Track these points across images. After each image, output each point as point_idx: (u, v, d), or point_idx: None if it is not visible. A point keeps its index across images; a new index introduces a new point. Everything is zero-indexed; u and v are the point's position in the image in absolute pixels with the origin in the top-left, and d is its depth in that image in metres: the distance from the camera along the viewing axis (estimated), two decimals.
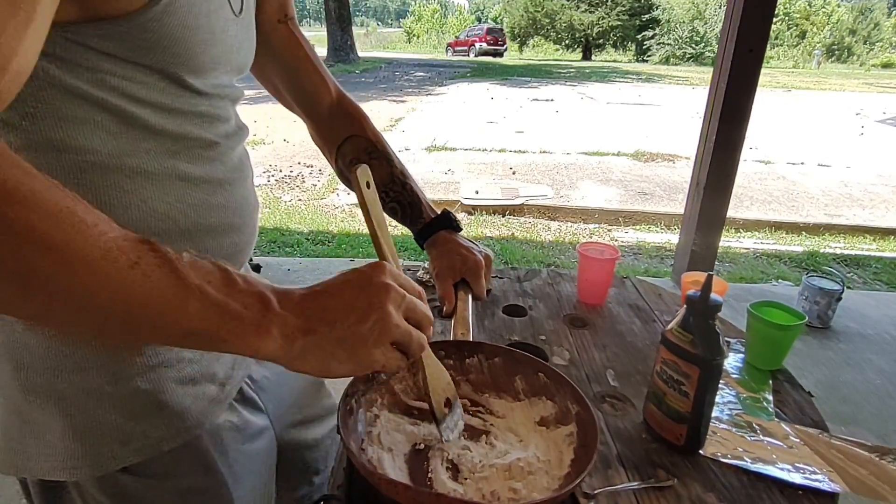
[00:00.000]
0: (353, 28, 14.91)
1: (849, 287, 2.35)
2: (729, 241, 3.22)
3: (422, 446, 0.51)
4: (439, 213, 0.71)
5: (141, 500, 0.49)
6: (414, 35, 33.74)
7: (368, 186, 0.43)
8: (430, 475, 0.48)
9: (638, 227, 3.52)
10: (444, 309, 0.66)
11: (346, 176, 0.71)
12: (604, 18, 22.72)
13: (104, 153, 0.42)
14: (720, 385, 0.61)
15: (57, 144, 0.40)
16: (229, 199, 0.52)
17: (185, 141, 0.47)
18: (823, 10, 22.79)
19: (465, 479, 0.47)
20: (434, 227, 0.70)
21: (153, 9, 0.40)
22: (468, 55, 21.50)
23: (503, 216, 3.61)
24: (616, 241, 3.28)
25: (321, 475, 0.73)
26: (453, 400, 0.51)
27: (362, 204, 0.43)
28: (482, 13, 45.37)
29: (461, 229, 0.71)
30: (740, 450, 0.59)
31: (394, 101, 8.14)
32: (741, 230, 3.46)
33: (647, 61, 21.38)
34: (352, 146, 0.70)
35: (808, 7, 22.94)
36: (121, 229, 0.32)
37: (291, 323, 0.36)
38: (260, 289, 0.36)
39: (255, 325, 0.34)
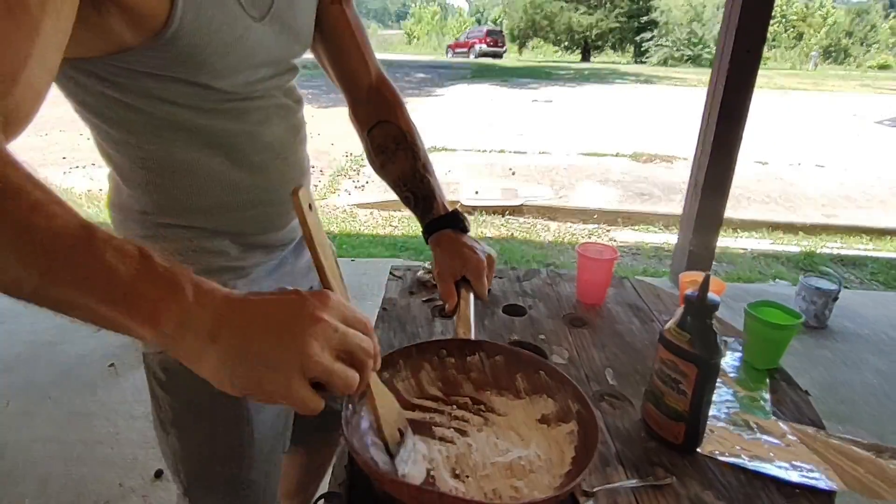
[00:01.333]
0: None
1: (845, 287, 2.36)
2: (726, 241, 3.23)
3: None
4: (450, 210, 0.72)
5: (184, 379, 0.56)
6: (414, 37, 33.76)
7: (311, 208, 0.40)
8: (432, 473, 0.48)
9: (636, 227, 3.52)
10: (446, 308, 0.67)
11: (373, 156, 0.75)
12: (602, 20, 22.76)
13: (158, 153, 0.53)
14: (718, 384, 0.62)
15: (123, 143, 0.54)
16: (264, 180, 0.59)
17: (217, 133, 0.55)
18: (821, 12, 22.87)
19: (467, 476, 0.48)
20: (441, 224, 0.70)
21: (164, 35, 0.46)
22: (468, 57, 21.51)
23: (503, 216, 3.61)
24: (615, 241, 3.29)
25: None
26: (404, 430, 0.48)
27: (304, 227, 0.39)
28: (482, 15, 45.36)
29: (468, 230, 0.72)
30: (738, 448, 0.60)
31: None
32: (739, 230, 3.47)
33: (645, 63, 21.41)
34: (382, 132, 0.73)
35: (805, 9, 23.02)
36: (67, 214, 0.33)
37: (198, 319, 0.33)
38: (177, 275, 0.34)
39: (155, 312, 0.32)
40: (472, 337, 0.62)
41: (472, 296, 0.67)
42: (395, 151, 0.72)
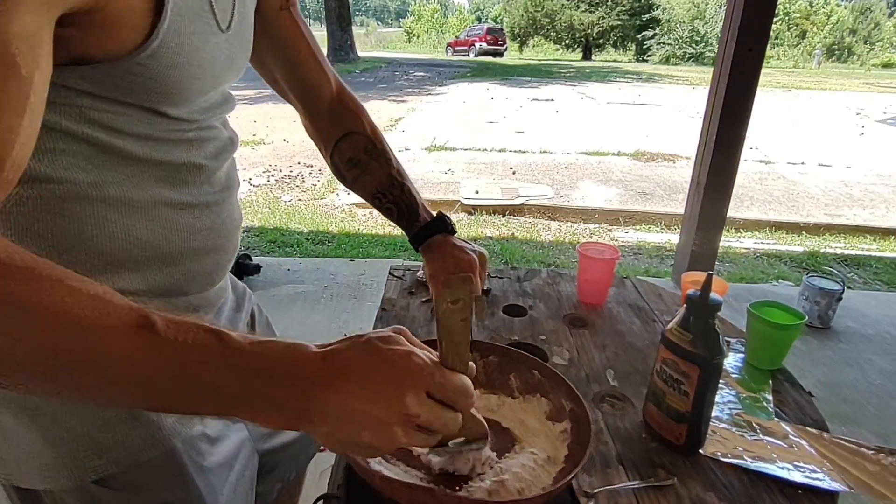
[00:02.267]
0: (353, 28, 14.91)
1: (849, 287, 2.35)
2: (729, 241, 3.22)
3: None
4: (434, 215, 0.71)
5: None
6: (414, 35, 33.75)
7: (456, 303, 0.39)
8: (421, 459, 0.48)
9: (638, 227, 3.51)
10: None
11: (342, 172, 0.71)
12: (604, 18, 22.71)
13: (84, 183, 0.41)
14: (720, 385, 0.61)
15: (36, 175, 0.40)
16: (215, 221, 0.51)
17: (170, 167, 0.46)
18: (824, 10, 22.78)
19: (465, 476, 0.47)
20: (429, 230, 0.69)
21: (140, 55, 0.39)
22: (468, 55, 21.48)
23: (503, 216, 3.60)
24: (616, 241, 3.28)
25: (288, 473, 0.72)
26: (474, 440, 0.46)
27: (436, 311, 0.39)
28: (482, 13, 45.39)
29: (455, 232, 0.71)
30: (740, 449, 0.59)
31: (394, 100, 8.14)
32: (741, 230, 3.46)
33: (647, 61, 21.37)
34: (350, 144, 0.69)
35: (808, 7, 22.93)
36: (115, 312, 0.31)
37: (293, 412, 0.33)
38: (261, 359, 0.33)
39: (261, 408, 0.33)
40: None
41: None
42: (368, 162, 0.68)
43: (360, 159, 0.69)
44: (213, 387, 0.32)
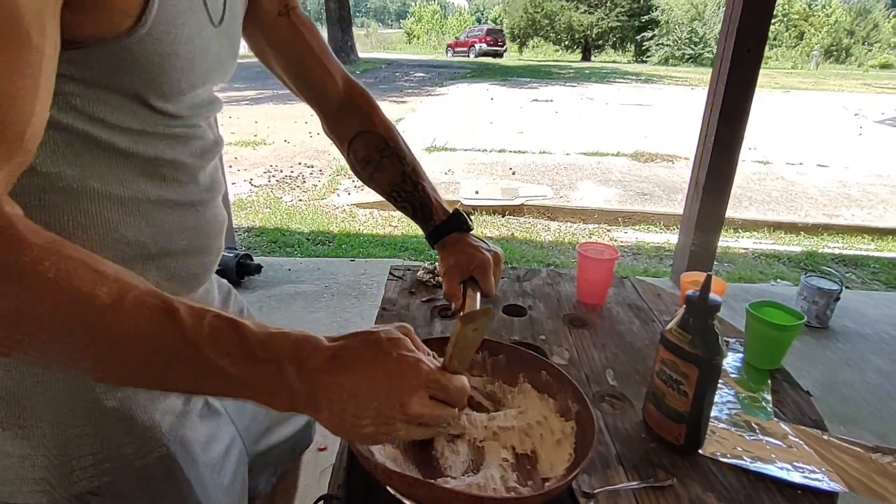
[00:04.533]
0: (354, 29, 14.90)
1: (847, 287, 2.35)
2: (728, 241, 3.23)
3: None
4: (451, 212, 0.71)
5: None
6: (414, 36, 33.76)
7: (475, 331, 0.42)
8: (440, 462, 0.48)
9: (637, 227, 3.52)
10: (452, 307, 0.66)
11: (358, 170, 0.72)
12: (603, 19, 22.73)
13: (67, 175, 0.41)
14: (719, 385, 0.62)
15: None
16: (200, 221, 0.51)
17: (156, 163, 0.46)
18: (825, 10, 22.82)
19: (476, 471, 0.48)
20: (446, 228, 0.69)
21: (127, 39, 0.39)
22: (468, 56, 21.49)
23: (503, 216, 3.61)
24: (615, 241, 3.28)
25: (282, 467, 0.73)
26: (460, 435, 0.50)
27: (456, 340, 0.41)
28: (482, 14, 45.41)
29: (472, 229, 0.71)
30: (739, 449, 0.59)
31: (394, 101, 8.13)
32: (740, 230, 3.46)
33: (646, 62, 21.39)
34: (363, 142, 0.70)
35: (807, 8, 22.97)
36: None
37: (305, 394, 0.36)
38: (278, 355, 0.36)
39: (269, 394, 0.36)
40: None
41: (478, 295, 0.66)
42: (381, 160, 0.69)
43: (373, 158, 0.70)
44: (226, 371, 0.34)
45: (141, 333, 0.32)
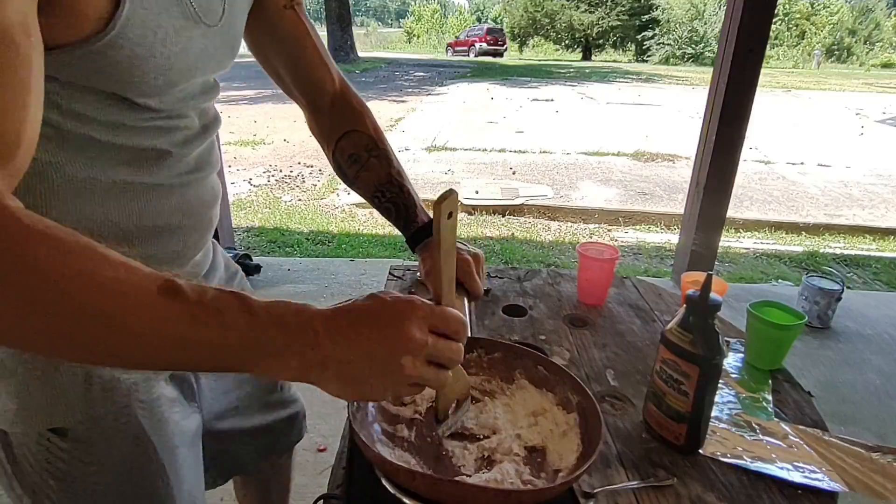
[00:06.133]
0: (354, 28, 14.91)
1: (848, 287, 2.35)
2: (729, 241, 3.22)
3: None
4: (431, 216, 0.71)
5: (70, 460, 0.51)
6: (414, 35, 33.74)
7: (450, 217, 0.41)
8: (452, 461, 0.49)
9: (638, 227, 3.52)
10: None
11: (343, 169, 0.71)
12: (604, 18, 22.72)
13: (42, 161, 0.42)
14: (720, 385, 0.61)
15: None
16: (181, 202, 0.52)
17: (133, 151, 0.47)
18: (827, 9, 22.77)
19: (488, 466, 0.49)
20: (426, 232, 0.70)
21: (96, 44, 0.39)
22: (468, 55, 21.48)
23: (503, 216, 3.61)
24: (616, 241, 3.28)
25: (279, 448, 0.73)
26: (462, 400, 0.50)
27: (436, 233, 0.41)
28: (482, 13, 45.33)
29: None
30: (740, 449, 0.59)
31: (394, 101, 8.14)
32: (741, 230, 3.46)
33: (646, 61, 21.37)
34: (351, 141, 0.70)
35: (808, 7, 22.93)
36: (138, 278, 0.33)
37: (309, 357, 0.37)
38: (281, 319, 0.36)
39: (274, 357, 0.36)
40: (469, 335, 0.62)
41: (465, 298, 0.66)
42: (368, 160, 0.69)
43: (361, 156, 0.69)
44: (230, 344, 0.34)
45: (149, 316, 0.33)
